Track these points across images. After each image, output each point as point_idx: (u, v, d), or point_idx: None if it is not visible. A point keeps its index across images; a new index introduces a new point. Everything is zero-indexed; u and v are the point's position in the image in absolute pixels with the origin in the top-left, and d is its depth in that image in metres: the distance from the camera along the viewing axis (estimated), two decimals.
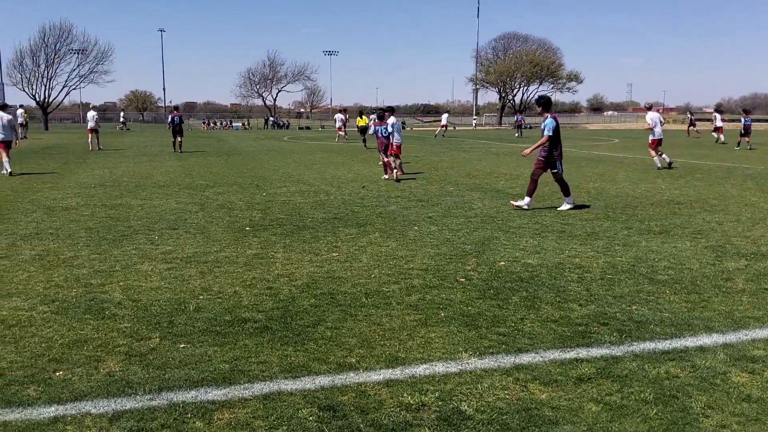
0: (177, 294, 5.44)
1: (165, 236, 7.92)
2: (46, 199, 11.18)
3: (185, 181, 14.44)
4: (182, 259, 6.71)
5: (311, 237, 7.94)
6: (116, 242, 7.54)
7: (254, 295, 5.42)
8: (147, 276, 6.01)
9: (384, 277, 6.00)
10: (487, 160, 21.17)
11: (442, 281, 5.87)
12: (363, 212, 9.95)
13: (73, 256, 6.82)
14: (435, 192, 12.51)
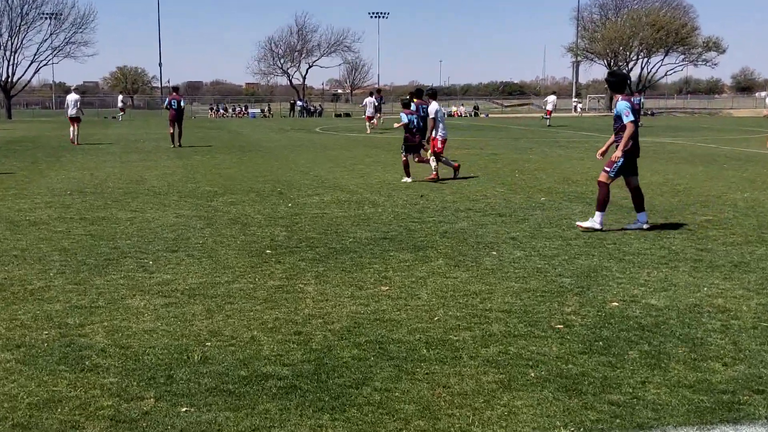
0: (177, 339, 5.56)
1: (162, 261, 8.11)
2: (9, 211, 11.60)
3: (187, 186, 14.77)
4: (184, 291, 6.86)
5: (352, 264, 8.00)
6: (99, 268, 7.76)
7: (278, 343, 5.49)
8: (138, 314, 6.16)
9: (451, 321, 5.99)
10: (593, 160, 20.88)
11: (532, 328, 5.83)
12: (422, 230, 9.97)
13: (43, 286, 7.04)
14: (520, 203, 12.44)
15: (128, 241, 9.26)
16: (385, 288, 7.01)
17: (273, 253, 8.56)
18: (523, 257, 8.33)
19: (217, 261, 8.13)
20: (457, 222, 10.64)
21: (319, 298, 6.68)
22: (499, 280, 7.32)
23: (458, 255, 8.44)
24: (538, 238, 9.40)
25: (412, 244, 9.08)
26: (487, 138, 32.72)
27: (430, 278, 7.39)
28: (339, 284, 7.16)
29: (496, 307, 6.36)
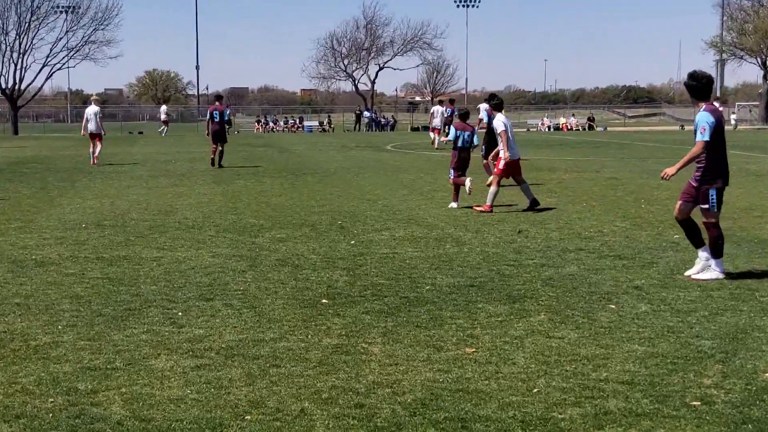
0: (210, 411, 5.63)
1: (193, 312, 8.25)
2: (12, 248, 11.99)
3: (227, 219, 15.04)
4: (219, 350, 6.95)
5: (430, 318, 7.99)
6: (117, 321, 7.93)
7: (334, 418, 5.51)
8: (163, 379, 6.26)
9: (555, 394, 5.93)
10: (743, 186, 20.47)
11: (660, 405, 5.73)
12: (519, 276, 9.92)
13: (50, 342, 7.23)
14: (647, 242, 12.28)
15: (153, 286, 9.45)
16: (470, 350, 6.98)
17: (330, 303, 8.62)
18: (649, 312, 8.20)
19: (261, 313, 8.23)
20: (564, 266, 10.55)
21: (386, 361, 6.68)
22: (618, 341, 7.21)
23: (565, 308, 8.36)
24: (670, 288, 9.25)
25: (506, 293, 9.03)
26: (604, 158, 32.46)
27: (528, 338, 7.33)
28: (412, 344, 7.16)
29: (613, 377, 6.26)
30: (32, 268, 10.50)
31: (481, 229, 13.69)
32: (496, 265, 10.65)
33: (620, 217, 15.09)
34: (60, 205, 17.33)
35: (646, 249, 11.72)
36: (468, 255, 11.35)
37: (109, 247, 11.99)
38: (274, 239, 12.73)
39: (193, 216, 15.43)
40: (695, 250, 11.51)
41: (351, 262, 10.89)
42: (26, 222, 14.63)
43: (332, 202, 17.59)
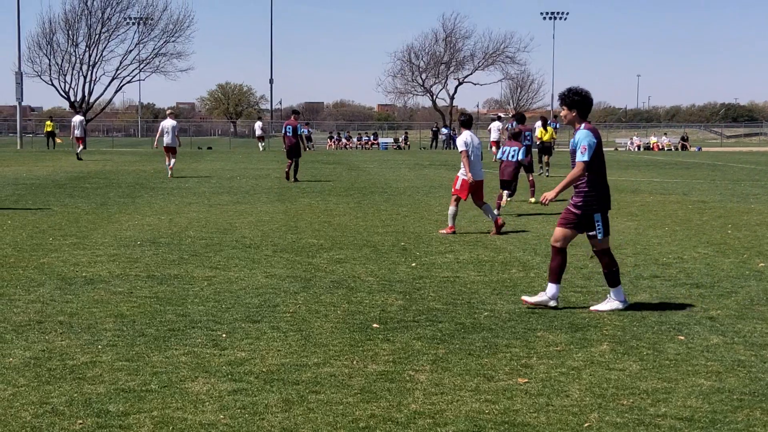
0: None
1: (238, 334, 8.34)
2: (64, 264, 12.27)
3: (286, 238, 15.18)
4: (259, 375, 7.01)
5: (484, 346, 7.96)
6: (159, 341, 8.06)
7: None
8: (198, 402, 6.33)
9: (607, 429, 5.87)
10: None
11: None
12: (585, 303, 9.87)
13: (88, 362, 7.37)
14: (729, 270, 12.05)
15: (201, 306, 9.58)
16: (522, 380, 6.92)
17: (381, 327, 8.64)
18: (721, 345, 8.05)
19: (308, 336, 8.27)
20: (635, 293, 10.42)
21: (432, 390, 6.66)
22: (683, 375, 7.09)
23: (631, 338, 8.26)
24: (747, 320, 9.07)
25: (569, 321, 8.95)
26: (694, 180, 31.96)
27: (586, 369, 7.24)
28: (462, 372, 7.13)
29: (672, 413, 6.15)
30: (80, 285, 10.72)
31: None
32: (562, 291, 10.52)
33: (703, 242, 14.83)
34: (118, 221, 17.66)
35: (726, 277, 11.50)
36: (534, 280, 11.28)
37: (162, 265, 12.19)
38: (332, 260, 12.80)
39: (252, 234, 15.60)
40: None
41: (409, 285, 10.89)
42: (81, 238, 14.94)
43: (397, 223, 17.62)
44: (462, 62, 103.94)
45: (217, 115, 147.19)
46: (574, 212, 9.83)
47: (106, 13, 74.06)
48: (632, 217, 18.89)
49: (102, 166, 39.62)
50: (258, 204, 21.60)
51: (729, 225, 17.33)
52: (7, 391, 6.59)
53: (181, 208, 20.37)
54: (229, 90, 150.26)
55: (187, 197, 23.47)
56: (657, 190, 26.85)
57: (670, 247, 14.31)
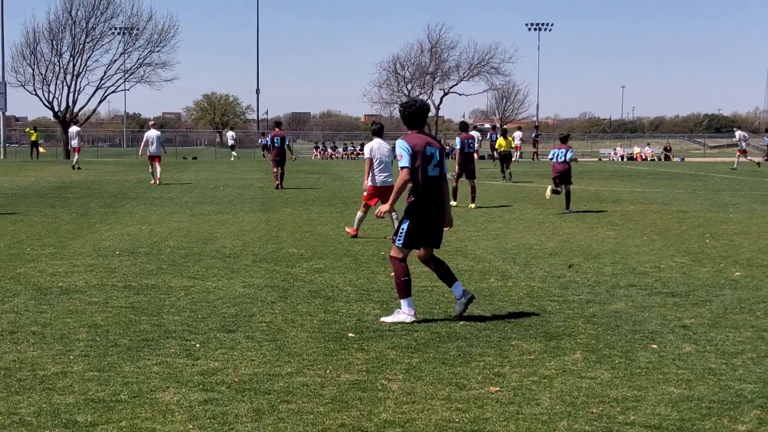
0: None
1: (212, 344, 8.32)
2: (40, 274, 12.22)
3: (266, 248, 15.16)
4: (231, 385, 6.99)
5: (458, 355, 7.97)
6: (132, 351, 8.02)
7: None
8: (167, 412, 6.30)
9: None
10: None
11: None
12: (561, 313, 9.86)
13: (58, 372, 7.33)
14: (704, 279, 12.09)
15: (176, 316, 9.55)
16: (494, 389, 6.92)
17: (357, 337, 8.64)
18: (692, 353, 8.08)
19: (283, 346, 8.26)
20: (611, 302, 10.45)
21: (403, 399, 6.65)
22: (654, 383, 7.11)
23: (604, 347, 8.28)
24: (720, 328, 9.11)
25: (543, 330, 8.96)
26: (676, 189, 32.07)
27: (558, 377, 7.26)
28: (434, 381, 7.13)
29: (641, 421, 6.17)
30: (56, 295, 10.67)
31: (530, 263, 13.60)
32: (539, 300, 10.57)
33: (681, 251, 14.88)
34: (98, 231, 17.59)
35: (702, 286, 11.54)
36: (511, 289, 11.29)
37: (139, 275, 12.15)
38: (311, 270, 12.79)
39: (232, 244, 15.57)
40: (756, 289, 11.38)
41: (387, 294, 10.90)
42: (60, 248, 14.89)
43: (379, 232, 17.62)
44: (447, 73, 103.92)
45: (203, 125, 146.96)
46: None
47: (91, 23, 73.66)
48: (612, 226, 18.95)
49: (85, 176, 39.45)
50: (240, 213, 21.57)
51: (707, 234, 17.39)
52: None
53: (162, 218, 20.32)
54: (215, 100, 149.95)
55: (170, 207, 23.41)
56: (638, 199, 26.93)
57: (648, 256, 14.35)
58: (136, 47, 75.89)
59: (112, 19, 74.79)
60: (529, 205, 24.50)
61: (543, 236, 17.03)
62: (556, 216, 21.30)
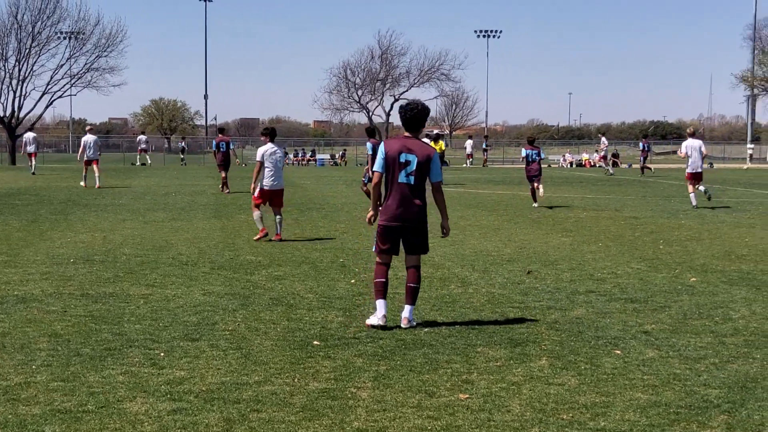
0: None
1: (176, 352, 8.24)
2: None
3: (224, 255, 15.07)
4: (199, 394, 6.93)
5: (425, 362, 7.97)
6: (95, 361, 7.92)
7: None
8: (136, 423, 6.24)
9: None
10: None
11: None
12: (524, 318, 9.92)
13: (22, 382, 7.22)
14: (661, 285, 12.23)
15: (138, 325, 9.45)
16: (464, 396, 6.94)
17: (322, 345, 8.61)
18: (656, 358, 8.16)
19: (248, 354, 8.21)
20: (572, 309, 10.52)
21: (374, 407, 6.65)
22: (621, 389, 7.17)
23: (568, 353, 8.33)
24: (681, 334, 9.21)
25: (507, 336, 9.00)
26: (626, 196, 32.43)
27: (526, 384, 7.29)
28: (403, 389, 7.13)
29: (611, 427, 6.22)
30: (12, 304, 10.52)
31: (489, 269, 13.66)
32: (501, 307, 10.62)
33: (636, 258, 15.04)
34: (50, 239, 17.36)
35: (660, 292, 11.67)
36: (472, 296, 11.33)
37: (96, 284, 12.01)
38: (271, 277, 12.73)
39: (188, 252, 15.45)
40: (713, 294, 11.53)
41: (349, 302, 10.88)
42: (12, 256, 14.67)
43: (336, 239, 17.60)
44: (398, 79, 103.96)
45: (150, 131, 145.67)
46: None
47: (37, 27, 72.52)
48: (567, 233, 19.10)
49: (33, 182, 38.92)
50: (194, 220, 21.41)
51: (661, 240, 17.60)
52: None
53: (115, 225, 20.10)
54: (163, 105, 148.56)
55: (122, 214, 23.16)
56: (590, 206, 27.18)
57: (605, 262, 14.49)
58: (83, 52, 74.83)
59: (58, 24, 73.71)
60: (483, 212, 24.60)
61: (499, 242, 17.12)
62: (511, 222, 21.43)
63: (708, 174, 53.70)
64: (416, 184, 9.56)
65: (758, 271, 13.52)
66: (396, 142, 9.67)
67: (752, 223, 21.58)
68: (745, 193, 34.53)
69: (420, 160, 9.47)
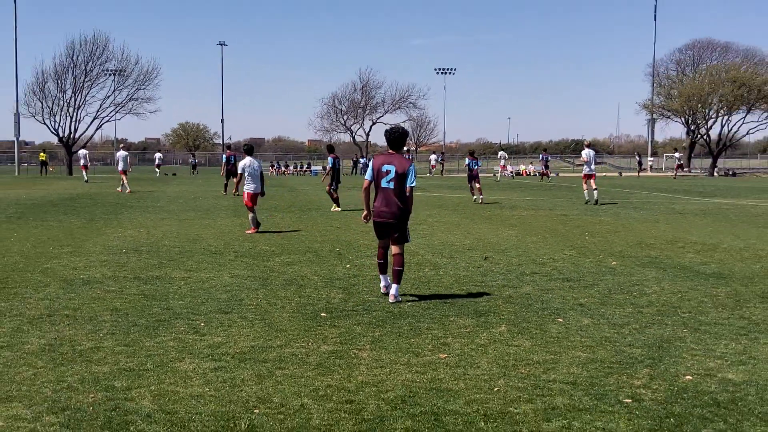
0: (225, 405, 5.59)
1: (213, 323, 8.21)
2: (64, 269, 11.92)
3: (244, 246, 14.99)
4: (234, 355, 6.91)
5: (410, 329, 7.97)
6: (150, 330, 7.89)
7: (328, 411, 5.47)
8: (187, 378, 6.22)
9: (512, 392, 5.90)
10: (669, 222, 20.56)
11: (598, 401, 5.69)
12: (484, 294, 9.91)
13: (93, 347, 7.19)
14: (590, 268, 12.26)
15: (180, 301, 9.40)
16: (443, 355, 6.95)
17: (328, 316, 8.59)
18: (590, 325, 8.18)
19: (270, 324, 8.18)
20: (521, 286, 10.54)
21: (373, 364, 6.65)
22: (565, 349, 7.19)
23: (522, 321, 8.34)
24: (608, 305, 9.24)
25: (473, 309, 9.01)
26: (556, 198, 32.50)
27: (491, 346, 7.31)
28: (395, 350, 7.13)
29: (560, 379, 6.24)
30: (80, 285, 10.43)
31: (454, 256, 13.66)
32: (466, 285, 10.62)
33: (568, 246, 15.08)
34: (105, 233, 17.21)
35: (588, 273, 11.71)
36: (443, 277, 11.33)
37: (145, 269, 11.92)
38: (283, 263, 12.68)
39: (216, 243, 15.36)
40: (630, 275, 11.56)
41: (346, 282, 10.85)
42: (76, 247, 14.54)
43: (332, 234, 17.55)
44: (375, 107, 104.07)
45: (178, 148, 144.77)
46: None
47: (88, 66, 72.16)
48: (513, 227, 19.12)
49: (87, 189, 38.55)
50: (218, 219, 21.29)
51: (586, 233, 17.65)
52: (29, 371, 6.39)
53: (156, 223, 19.96)
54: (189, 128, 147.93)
55: (160, 214, 23.00)
56: (530, 206, 27.22)
57: (544, 250, 14.51)
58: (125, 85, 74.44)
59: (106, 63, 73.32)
60: (446, 211, 24.59)
61: (460, 235, 17.11)
62: (468, 219, 21.43)
63: (617, 180, 54.01)
64: (396, 189, 9.65)
65: (664, 256, 13.59)
66: (382, 157, 9.75)
67: (656, 219, 21.69)
68: (648, 195, 34.68)
69: (398, 170, 9.57)
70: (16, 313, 8.66)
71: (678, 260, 13.14)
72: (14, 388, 5.96)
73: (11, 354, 6.93)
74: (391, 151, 9.86)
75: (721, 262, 12.86)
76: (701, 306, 9.21)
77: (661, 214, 23.31)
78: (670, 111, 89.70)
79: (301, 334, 7.74)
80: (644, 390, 5.96)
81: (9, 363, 6.64)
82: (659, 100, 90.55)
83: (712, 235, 17.05)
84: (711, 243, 15.61)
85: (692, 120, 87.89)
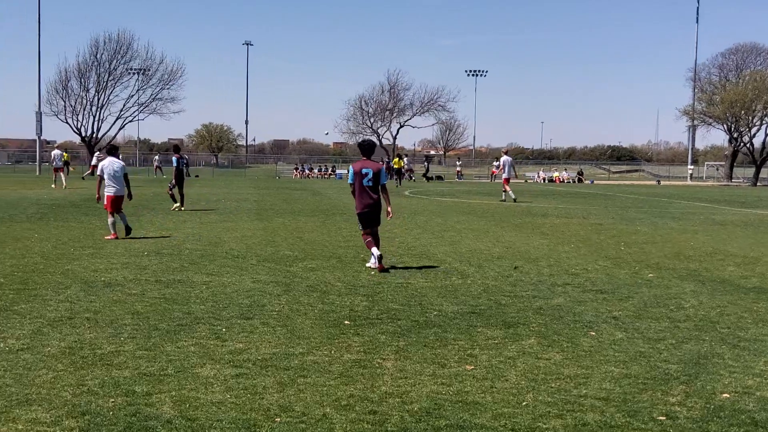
0: (246, 413, 5.65)
1: (235, 328, 8.29)
2: (85, 271, 12.08)
3: (267, 250, 15.09)
4: (256, 362, 6.97)
5: (436, 339, 7.99)
6: (171, 334, 7.98)
7: (350, 422, 5.50)
8: (208, 384, 6.29)
9: (541, 407, 5.90)
10: (709, 233, 20.41)
11: (631, 419, 5.68)
12: (514, 305, 9.89)
13: (113, 351, 7.29)
14: (624, 279, 12.21)
15: (202, 306, 9.50)
16: (469, 367, 6.97)
17: (351, 324, 8.64)
18: (624, 339, 8.16)
19: (293, 330, 8.25)
20: (553, 298, 10.52)
21: (397, 375, 6.68)
22: (597, 363, 7.18)
23: (552, 334, 8.34)
24: (643, 319, 9.20)
25: (501, 320, 9.01)
26: (590, 206, 32.36)
27: (520, 358, 7.31)
28: (420, 360, 7.16)
29: (591, 394, 6.23)
30: (101, 288, 10.57)
31: (483, 264, 13.65)
32: (494, 295, 10.63)
33: (602, 257, 15.02)
34: None
35: (623, 285, 11.66)
36: (471, 286, 11.34)
37: (167, 272, 12.05)
38: (306, 268, 12.75)
39: (238, 247, 15.48)
40: (667, 287, 11.51)
41: (370, 289, 10.90)
42: (97, 249, 14.73)
43: (357, 239, 17.58)
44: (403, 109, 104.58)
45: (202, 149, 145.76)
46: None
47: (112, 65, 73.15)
48: (544, 235, 19.07)
49: None
50: (241, 222, 21.44)
51: (621, 243, 17.57)
52: (49, 374, 6.50)
53: (178, 225, 20.15)
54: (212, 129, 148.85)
55: (182, 216, 23.21)
56: (562, 214, 27.13)
57: (577, 260, 14.47)
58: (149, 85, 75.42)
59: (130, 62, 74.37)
60: (474, 218, 24.58)
61: (489, 243, 17.10)
62: (498, 226, 21.41)
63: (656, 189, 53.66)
64: (372, 187, 12.81)
65: (703, 269, 13.50)
66: (359, 163, 12.90)
67: (695, 229, 21.54)
68: (687, 205, 34.43)
69: (374, 171, 12.80)
70: (36, 315, 8.80)
71: (717, 273, 13.05)
72: (34, 391, 6.07)
73: (31, 356, 7.05)
74: (364, 157, 12.93)
75: (763, 276, 12.75)
76: (741, 321, 9.14)
77: (701, 225, 23.13)
78: (712, 117, 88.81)
79: (323, 341, 7.80)
80: (679, 407, 5.94)
81: (29, 366, 6.76)
82: (700, 106, 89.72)
83: (753, 248, 16.89)
84: (752, 256, 15.47)
85: (735, 127, 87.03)
